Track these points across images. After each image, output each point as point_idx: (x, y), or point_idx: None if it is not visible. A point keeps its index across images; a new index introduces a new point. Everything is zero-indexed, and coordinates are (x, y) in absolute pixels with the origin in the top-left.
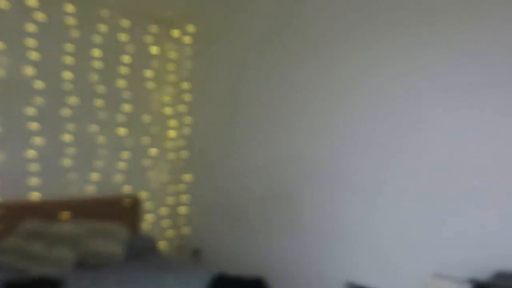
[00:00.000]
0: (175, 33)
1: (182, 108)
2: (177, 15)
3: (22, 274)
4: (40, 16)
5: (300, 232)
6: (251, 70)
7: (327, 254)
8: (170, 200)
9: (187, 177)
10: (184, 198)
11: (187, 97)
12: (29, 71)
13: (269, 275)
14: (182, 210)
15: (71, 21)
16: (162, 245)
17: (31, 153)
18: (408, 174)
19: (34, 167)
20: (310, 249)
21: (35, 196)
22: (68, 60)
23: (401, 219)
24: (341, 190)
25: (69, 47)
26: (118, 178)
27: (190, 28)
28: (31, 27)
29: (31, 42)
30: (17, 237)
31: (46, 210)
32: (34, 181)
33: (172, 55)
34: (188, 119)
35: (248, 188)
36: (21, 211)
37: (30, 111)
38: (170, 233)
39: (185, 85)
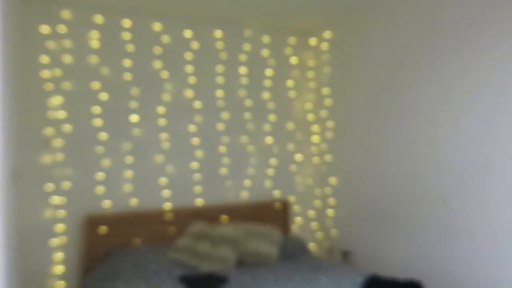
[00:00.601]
0: (312, 41)
1: (323, 113)
2: (313, 24)
3: (194, 270)
4: (195, 44)
5: (459, 235)
6: (390, 71)
7: (493, 257)
8: (317, 203)
9: (333, 180)
10: (331, 201)
11: (327, 102)
12: (189, 93)
13: (423, 279)
14: (330, 212)
15: (220, 45)
16: (312, 246)
17: (194, 164)
18: None
19: (197, 176)
20: (470, 252)
21: (199, 202)
22: (220, 80)
23: None
24: (507, 189)
25: (219, 68)
26: (268, 183)
27: (327, 34)
28: (188, 55)
29: (189, 68)
30: (186, 237)
31: (208, 214)
32: (198, 189)
33: (311, 62)
34: (330, 124)
35: (396, 190)
36: (189, 215)
37: (192, 128)
38: (318, 235)
39: (325, 91)
